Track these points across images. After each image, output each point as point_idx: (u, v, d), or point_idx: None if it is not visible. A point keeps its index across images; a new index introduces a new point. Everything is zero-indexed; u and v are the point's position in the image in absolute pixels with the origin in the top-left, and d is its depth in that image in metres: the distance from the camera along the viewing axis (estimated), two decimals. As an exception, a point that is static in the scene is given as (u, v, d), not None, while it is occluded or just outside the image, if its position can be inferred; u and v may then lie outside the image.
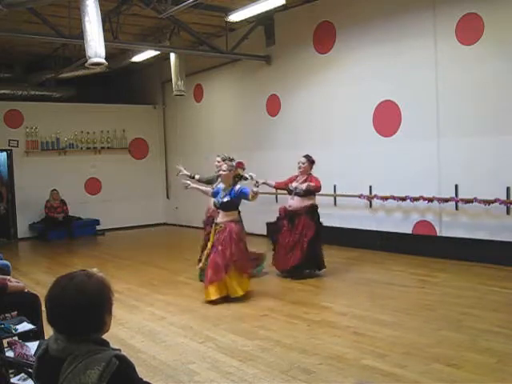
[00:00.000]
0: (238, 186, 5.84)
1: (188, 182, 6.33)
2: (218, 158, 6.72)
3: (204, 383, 3.64)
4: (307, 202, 6.71)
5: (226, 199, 5.79)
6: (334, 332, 4.58)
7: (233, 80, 11.30)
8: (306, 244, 6.56)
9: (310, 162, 6.86)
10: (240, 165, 6.55)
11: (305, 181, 6.73)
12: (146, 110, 13.61)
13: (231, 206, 5.84)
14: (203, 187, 6.45)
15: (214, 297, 5.60)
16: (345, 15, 8.62)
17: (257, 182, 6.83)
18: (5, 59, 11.93)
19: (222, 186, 6.00)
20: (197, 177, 7.10)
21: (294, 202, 6.74)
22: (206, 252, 6.04)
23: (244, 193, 5.75)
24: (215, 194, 6.05)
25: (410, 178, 7.73)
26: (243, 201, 5.89)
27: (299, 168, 6.86)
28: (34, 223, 11.86)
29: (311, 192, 6.71)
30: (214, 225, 6.00)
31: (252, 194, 5.63)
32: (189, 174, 7.12)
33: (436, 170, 7.48)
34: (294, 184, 6.81)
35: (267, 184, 7.07)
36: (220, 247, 5.70)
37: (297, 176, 6.90)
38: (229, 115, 11.47)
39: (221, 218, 5.88)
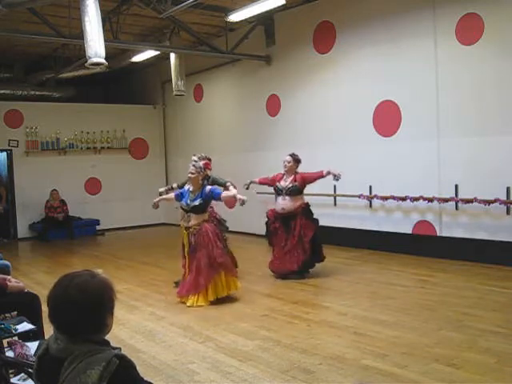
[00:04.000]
0: (208, 188, 5.69)
1: (154, 200, 6.08)
2: (195, 158, 6.59)
3: (204, 383, 3.64)
4: (300, 202, 6.65)
5: (197, 202, 5.63)
6: (334, 332, 4.58)
7: (233, 80, 11.30)
8: (307, 244, 6.53)
9: (296, 160, 6.75)
10: (208, 165, 6.40)
11: (294, 180, 6.67)
12: (145, 109, 13.61)
13: (203, 208, 5.70)
14: (167, 196, 6.24)
15: (204, 302, 5.56)
16: (345, 15, 8.62)
17: (245, 184, 6.90)
18: (5, 59, 11.93)
19: (187, 187, 5.82)
20: (174, 185, 6.93)
21: (286, 203, 6.62)
22: (186, 260, 5.83)
23: (216, 193, 5.64)
24: (180, 197, 5.86)
25: (410, 178, 7.73)
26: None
27: (285, 167, 6.75)
28: (34, 223, 11.86)
29: (303, 187, 6.68)
30: (184, 229, 5.80)
31: (235, 200, 5.63)
32: (165, 192, 6.93)
33: (436, 170, 7.48)
34: (283, 183, 6.71)
35: (253, 182, 7.09)
36: (203, 250, 5.57)
37: (283, 175, 6.79)
38: (229, 115, 11.47)
39: (193, 221, 5.70)
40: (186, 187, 5.86)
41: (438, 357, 3.87)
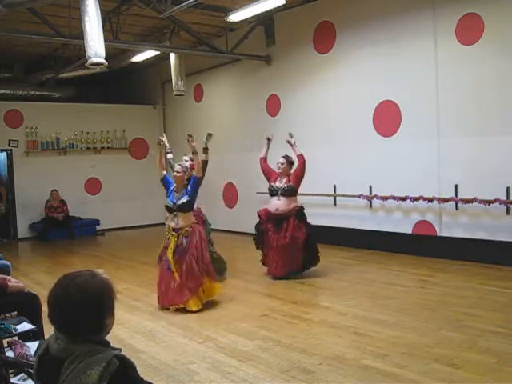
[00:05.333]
0: (188, 186, 5.69)
1: (165, 139, 6.13)
2: (186, 157, 6.56)
3: (204, 383, 3.64)
4: (294, 204, 6.69)
5: (184, 199, 5.60)
6: (334, 332, 4.58)
7: (233, 80, 11.30)
8: (301, 246, 6.53)
9: (289, 162, 6.83)
10: (194, 166, 6.39)
11: (288, 181, 6.73)
12: (146, 109, 13.60)
13: (189, 205, 5.67)
14: (163, 160, 6.11)
15: (198, 306, 5.45)
16: (345, 15, 8.62)
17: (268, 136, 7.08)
18: (5, 59, 11.93)
19: (173, 186, 5.81)
20: (169, 156, 6.93)
21: (280, 204, 6.64)
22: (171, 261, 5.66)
23: (193, 179, 5.65)
24: (165, 181, 5.87)
25: (410, 178, 7.73)
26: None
27: (278, 169, 6.82)
28: (34, 223, 11.86)
29: (300, 180, 6.71)
30: (172, 231, 5.68)
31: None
32: (168, 147, 6.94)
33: (436, 170, 7.48)
34: (278, 184, 6.76)
35: (267, 144, 7.06)
36: (195, 252, 5.52)
37: (278, 176, 6.84)
38: (229, 115, 11.47)
39: (182, 221, 5.63)
40: (172, 186, 5.81)
41: (438, 357, 3.87)
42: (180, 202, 5.62)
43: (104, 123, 12.85)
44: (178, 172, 5.74)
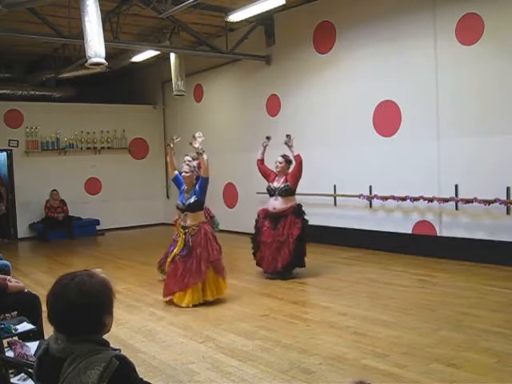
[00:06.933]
0: (197, 185, 5.75)
1: (175, 139, 6.25)
2: (188, 157, 6.60)
3: (204, 383, 3.64)
4: (291, 203, 6.73)
5: (192, 200, 5.69)
6: (334, 332, 4.58)
7: (233, 80, 11.30)
8: (292, 243, 6.56)
9: (287, 161, 6.90)
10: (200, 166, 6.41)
11: (285, 180, 6.77)
12: (146, 109, 13.61)
13: (198, 205, 5.74)
14: (174, 161, 6.14)
15: (186, 303, 5.55)
16: (345, 15, 8.62)
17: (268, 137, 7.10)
18: (5, 59, 11.94)
19: (183, 187, 5.88)
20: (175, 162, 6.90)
21: (278, 204, 6.70)
22: (170, 256, 5.86)
23: (200, 180, 5.70)
24: (177, 180, 5.92)
25: (410, 178, 7.73)
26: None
27: (276, 168, 6.89)
28: (34, 223, 11.86)
29: (297, 179, 6.75)
30: (181, 228, 5.80)
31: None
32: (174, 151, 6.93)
33: (436, 170, 7.48)
34: (275, 184, 6.81)
35: (263, 147, 7.09)
36: (199, 249, 5.58)
37: (276, 175, 6.90)
38: (229, 115, 11.47)
39: (190, 220, 5.73)
40: (183, 186, 5.89)
41: (438, 357, 3.87)
42: (188, 202, 5.72)
43: (104, 123, 12.86)
44: (186, 172, 5.82)
